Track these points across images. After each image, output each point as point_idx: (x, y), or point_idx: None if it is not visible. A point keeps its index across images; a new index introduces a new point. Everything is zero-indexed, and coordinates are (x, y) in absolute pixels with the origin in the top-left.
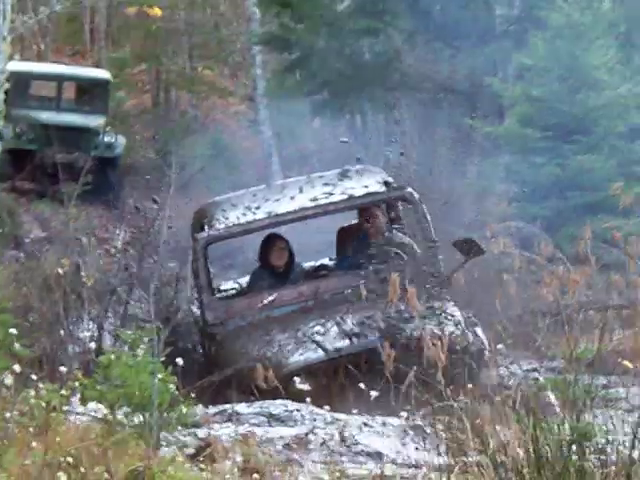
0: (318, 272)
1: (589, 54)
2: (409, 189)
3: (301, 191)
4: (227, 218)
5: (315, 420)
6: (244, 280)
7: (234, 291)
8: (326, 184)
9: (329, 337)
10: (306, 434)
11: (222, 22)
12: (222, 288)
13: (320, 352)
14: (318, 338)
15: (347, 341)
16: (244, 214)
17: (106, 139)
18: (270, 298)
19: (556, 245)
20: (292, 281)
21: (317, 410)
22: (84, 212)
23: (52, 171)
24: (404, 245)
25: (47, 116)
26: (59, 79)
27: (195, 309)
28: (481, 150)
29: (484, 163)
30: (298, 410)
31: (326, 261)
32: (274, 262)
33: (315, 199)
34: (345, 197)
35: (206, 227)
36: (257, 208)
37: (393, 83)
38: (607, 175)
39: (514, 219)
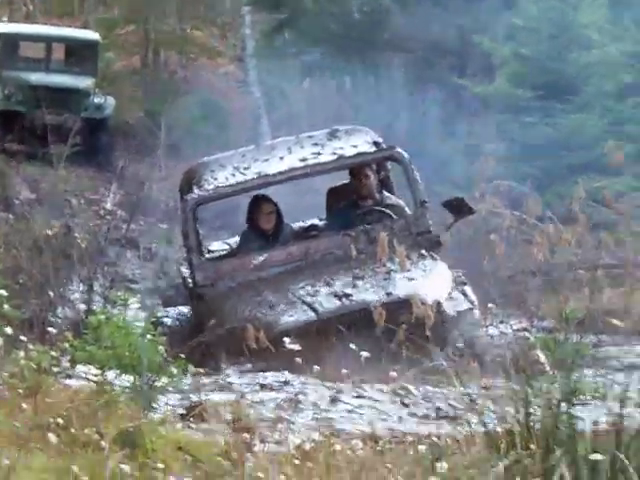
0: (308, 232)
1: (579, 13)
2: (398, 149)
3: (290, 151)
4: (216, 179)
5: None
6: (233, 241)
7: (224, 252)
8: (315, 144)
9: (319, 298)
10: (296, 394)
11: None
12: (211, 249)
13: (311, 313)
14: (309, 299)
15: (338, 302)
16: (233, 175)
17: (95, 100)
18: (260, 259)
19: (546, 204)
20: (281, 242)
21: (309, 380)
22: (74, 174)
23: (41, 133)
24: (394, 206)
25: (36, 77)
26: (48, 40)
27: (184, 270)
28: (471, 109)
29: (474, 122)
30: (289, 381)
31: (315, 221)
32: (263, 225)
33: (304, 159)
34: (334, 157)
35: (195, 188)
36: (246, 169)
37: (383, 43)
38: (597, 134)
39: (504, 178)
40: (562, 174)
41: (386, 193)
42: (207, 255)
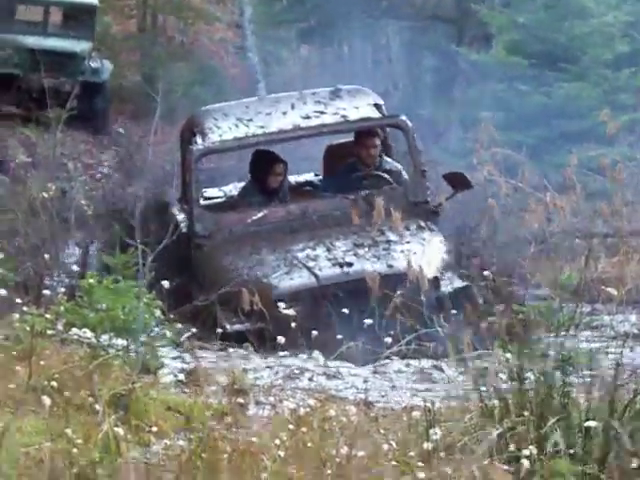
0: (303, 188)
1: None
2: (403, 117)
3: (293, 107)
4: (219, 127)
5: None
6: (228, 188)
7: (219, 199)
8: (317, 102)
9: (320, 263)
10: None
11: None
12: (206, 195)
13: (312, 279)
14: (310, 264)
15: (339, 269)
16: (236, 125)
17: (92, 64)
18: (260, 215)
19: (542, 173)
20: (281, 199)
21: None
22: (70, 137)
23: (38, 96)
24: (392, 171)
25: (33, 41)
26: (45, 4)
27: (178, 216)
28: (467, 77)
29: (470, 90)
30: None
31: (311, 177)
32: (271, 184)
33: (307, 117)
34: (339, 120)
35: (198, 136)
36: (249, 120)
37: (380, 10)
38: (593, 103)
39: (500, 146)
40: (557, 143)
41: (385, 157)
42: (203, 202)
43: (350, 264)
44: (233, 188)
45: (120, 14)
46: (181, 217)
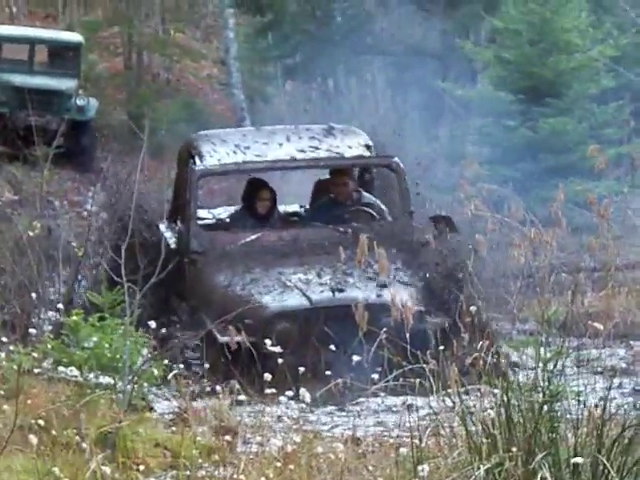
0: (291, 217)
1: (560, 17)
2: (396, 159)
3: (288, 140)
4: (217, 152)
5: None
6: (217, 211)
7: (209, 221)
8: (312, 137)
9: (312, 287)
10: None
11: None
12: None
13: (304, 300)
14: (302, 286)
15: (330, 294)
16: (234, 152)
17: (78, 102)
18: (253, 237)
19: (528, 207)
20: (270, 225)
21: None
22: (56, 175)
23: (24, 134)
24: (372, 205)
25: (19, 79)
26: (31, 42)
27: (168, 236)
28: (453, 112)
29: (456, 125)
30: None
31: (297, 208)
32: (258, 210)
33: (302, 150)
34: (335, 155)
35: (197, 158)
36: (247, 148)
37: (365, 46)
38: (578, 138)
39: (486, 181)
40: (544, 177)
41: (364, 193)
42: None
43: (341, 290)
44: (223, 211)
45: (106, 52)
46: (169, 235)
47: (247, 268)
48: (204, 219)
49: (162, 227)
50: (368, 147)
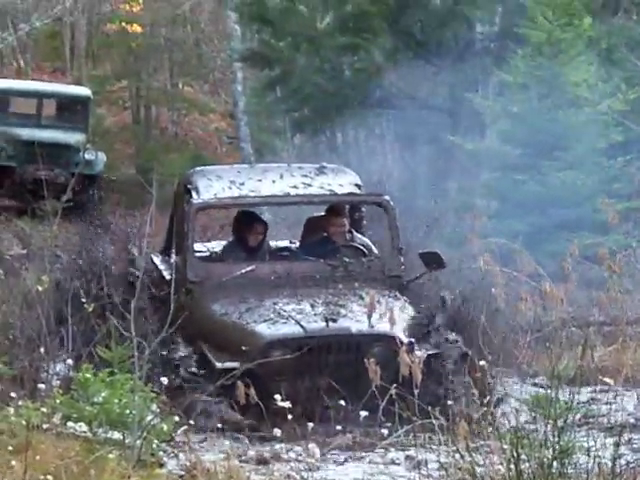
0: (281, 252)
1: (569, 71)
2: (387, 197)
3: (281, 177)
4: (212, 187)
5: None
6: (211, 245)
7: (203, 253)
8: (305, 175)
9: (306, 316)
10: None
11: (203, 39)
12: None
13: (299, 329)
14: (297, 316)
15: (324, 324)
16: (229, 187)
17: (87, 156)
18: (248, 268)
19: (537, 261)
20: (261, 258)
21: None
22: (64, 229)
23: (32, 188)
24: (363, 245)
25: (27, 133)
26: (39, 96)
27: (163, 268)
28: (462, 167)
29: (465, 180)
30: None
31: (287, 243)
32: (250, 242)
33: (295, 187)
34: (327, 192)
35: (194, 193)
36: (241, 184)
37: (374, 100)
38: (588, 192)
39: (495, 235)
40: (553, 231)
41: (355, 233)
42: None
43: (334, 320)
44: (216, 245)
45: (114, 106)
46: (164, 267)
47: (242, 298)
48: (199, 251)
49: (156, 260)
50: (358, 186)
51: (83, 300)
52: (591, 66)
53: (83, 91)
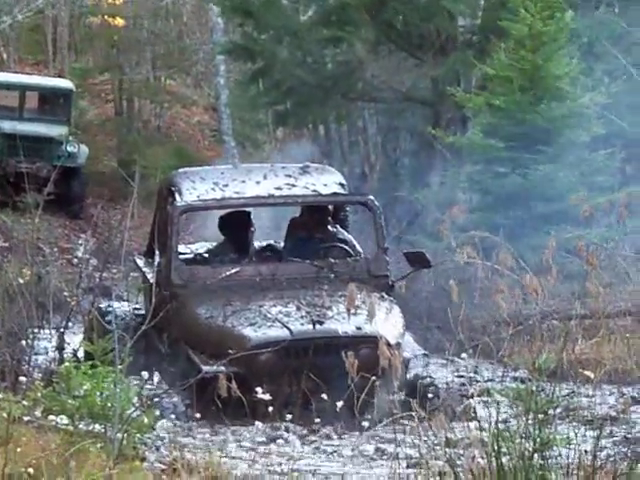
0: (265, 252)
1: (551, 64)
2: (371, 197)
3: (265, 177)
4: (196, 189)
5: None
6: (194, 247)
7: (189, 255)
8: (288, 175)
9: (292, 319)
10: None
11: (185, 32)
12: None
13: (286, 331)
14: (283, 318)
15: (310, 326)
16: (213, 189)
17: (69, 149)
18: (232, 271)
19: (519, 255)
20: (250, 257)
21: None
22: (46, 222)
23: (14, 180)
24: (346, 241)
25: (9, 125)
26: (22, 89)
27: (147, 271)
28: (444, 159)
29: (447, 172)
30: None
31: (271, 242)
32: (242, 240)
33: (279, 188)
34: (312, 193)
35: (177, 195)
36: (225, 185)
37: (356, 93)
38: (570, 185)
39: (477, 228)
40: (535, 225)
41: (339, 228)
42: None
43: (321, 322)
44: (199, 247)
45: (96, 98)
46: (147, 269)
47: (227, 301)
48: (183, 254)
49: (139, 262)
50: (342, 185)
51: (65, 293)
52: (573, 59)
53: (65, 84)
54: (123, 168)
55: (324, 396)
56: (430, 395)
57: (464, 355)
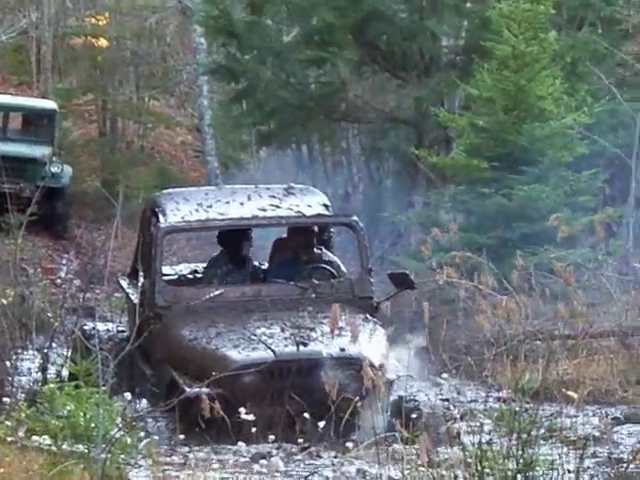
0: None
1: (535, 85)
2: (355, 217)
3: (249, 199)
4: (180, 210)
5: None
6: (179, 268)
7: (172, 277)
8: (272, 196)
9: (277, 340)
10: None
11: (169, 52)
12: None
13: (269, 353)
14: (267, 340)
15: (294, 347)
16: (197, 210)
17: (52, 169)
18: (216, 292)
19: (502, 275)
20: (246, 271)
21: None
22: (30, 242)
23: None
24: (332, 262)
25: None
26: (5, 109)
27: (130, 292)
28: (427, 180)
29: (430, 193)
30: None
31: (256, 264)
32: (239, 252)
33: (263, 209)
34: (296, 214)
35: (161, 216)
36: (209, 207)
37: (339, 114)
38: (553, 205)
39: (460, 249)
40: (518, 245)
41: (324, 249)
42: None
43: (305, 344)
44: (183, 268)
45: (80, 119)
46: (131, 290)
47: (212, 322)
48: (167, 275)
49: (123, 283)
50: (326, 206)
51: (49, 314)
52: (556, 80)
53: (49, 104)
54: (107, 188)
55: (307, 417)
56: (414, 416)
57: (445, 375)
